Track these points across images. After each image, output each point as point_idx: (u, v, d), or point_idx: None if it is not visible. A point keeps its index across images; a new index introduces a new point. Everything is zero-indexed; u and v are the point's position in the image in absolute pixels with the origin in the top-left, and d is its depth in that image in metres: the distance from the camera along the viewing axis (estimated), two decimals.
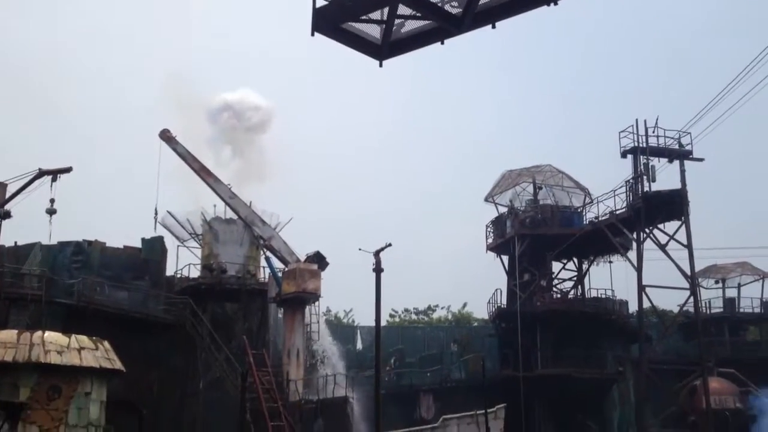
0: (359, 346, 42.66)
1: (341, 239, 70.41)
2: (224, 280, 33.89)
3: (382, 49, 6.06)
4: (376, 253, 22.69)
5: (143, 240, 35.49)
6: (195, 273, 35.41)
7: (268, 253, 35.45)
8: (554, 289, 41.29)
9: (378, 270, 22.47)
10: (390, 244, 22.77)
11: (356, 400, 29.52)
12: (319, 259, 34.50)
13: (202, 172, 35.81)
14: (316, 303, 35.16)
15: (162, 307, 33.17)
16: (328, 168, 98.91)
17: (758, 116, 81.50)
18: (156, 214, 34.94)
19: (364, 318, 51.92)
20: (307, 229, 72.73)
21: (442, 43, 5.97)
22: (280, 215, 36.71)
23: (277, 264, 35.12)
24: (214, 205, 36.42)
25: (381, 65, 6.16)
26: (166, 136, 36.43)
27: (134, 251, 35.15)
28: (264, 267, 36.00)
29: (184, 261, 36.23)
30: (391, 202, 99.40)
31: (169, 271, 36.02)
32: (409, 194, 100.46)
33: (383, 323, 48.96)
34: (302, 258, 34.48)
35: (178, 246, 36.67)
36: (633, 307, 37.73)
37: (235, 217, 35.63)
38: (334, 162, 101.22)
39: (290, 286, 32.97)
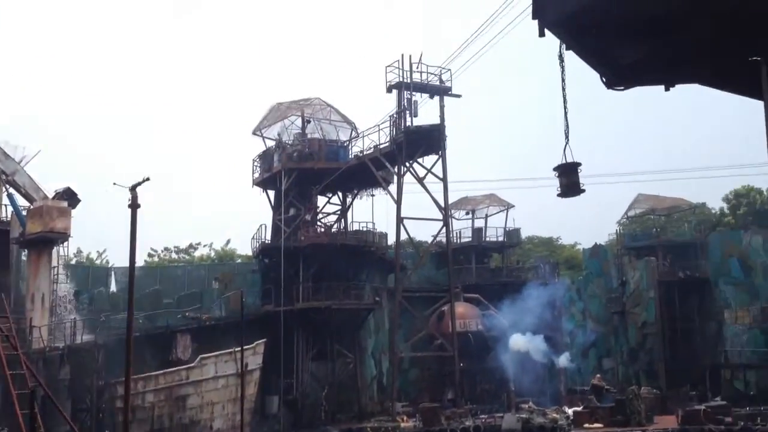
0: (113, 288, 40.55)
1: (96, 175, 66.29)
2: None
3: None
4: (133, 188, 21.31)
5: None
6: None
7: (11, 190, 32.34)
8: (319, 222, 41.87)
9: (134, 206, 21.22)
10: (148, 179, 21.42)
11: (106, 344, 28.15)
12: (69, 196, 32.01)
13: None
14: (66, 243, 32.81)
15: None
16: (85, 96, 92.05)
17: (511, 56, 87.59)
18: None
19: (120, 258, 49.54)
20: (59, 163, 67.42)
21: None
22: (26, 147, 33.50)
23: (22, 202, 32.16)
24: None
25: None
26: None
27: None
28: (6, 205, 32.82)
29: None
30: (150, 135, 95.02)
31: None
32: (170, 128, 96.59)
33: (141, 263, 47.30)
34: (51, 195, 31.81)
35: None
36: (392, 239, 39.39)
37: None
38: (89, 90, 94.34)
39: (36, 226, 30.34)
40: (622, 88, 5.99)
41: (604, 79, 5.84)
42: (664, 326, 43.32)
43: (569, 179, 8.08)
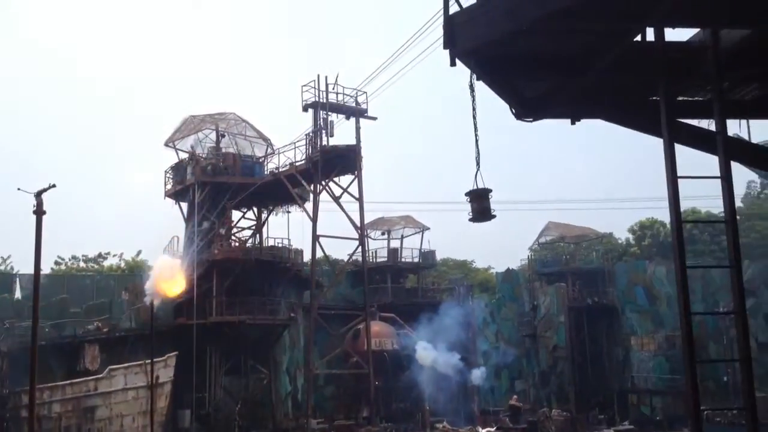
0: (18, 295, 39.06)
1: (1, 179, 63.84)
2: None
3: None
4: (38, 194, 20.80)
5: None
6: None
7: None
8: (233, 237, 41.39)
9: (39, 212, 20.68)
10: (54, 185, 20.97)
11: (11, 351, 27.03)
12: None
13: None
14: None
15: None
16: None
17: (428, 80, 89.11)
18: None
19: (25, 265, 47.81)
20: None
21: None
22: None
23: None
24: None
25: None
26: None
27: None
28: None
29: None
30: (59, 142, 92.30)
31: None
32: (80, 135, 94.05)
33: (47, 271, 45.63)
34: None
35: None
36: (308, 256, 39.29)
37: None
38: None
39: None
40: (530, 119, 6.28)
41: (513, 111, 6.12)
42: (573, 351, 44.53)
43: (480, 205, 8.34)
